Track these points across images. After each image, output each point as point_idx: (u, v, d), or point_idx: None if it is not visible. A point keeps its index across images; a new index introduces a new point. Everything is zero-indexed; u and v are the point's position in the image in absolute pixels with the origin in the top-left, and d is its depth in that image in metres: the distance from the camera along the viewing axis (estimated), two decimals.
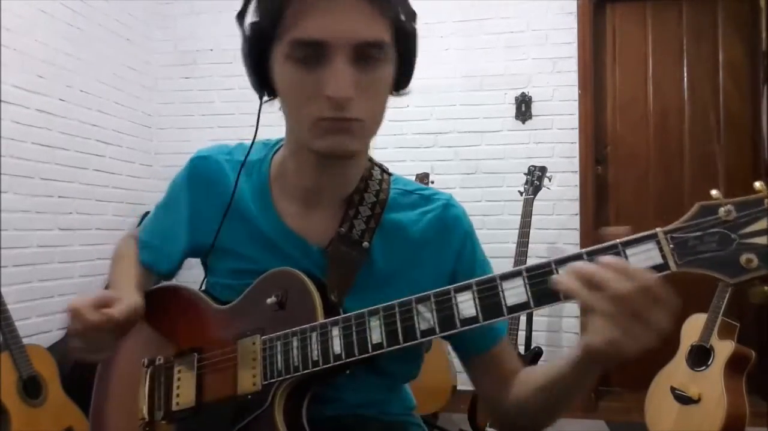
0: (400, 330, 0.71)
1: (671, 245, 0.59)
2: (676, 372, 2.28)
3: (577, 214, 3.11)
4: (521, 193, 2.68)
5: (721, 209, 0.58)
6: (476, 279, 0.67)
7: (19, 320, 2.24)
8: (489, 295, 0.66)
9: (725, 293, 2.21)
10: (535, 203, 2.66)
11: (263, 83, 0.80)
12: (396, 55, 0.79)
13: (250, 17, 0.78)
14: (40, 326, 2.65)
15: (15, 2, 2.53)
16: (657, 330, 0.58)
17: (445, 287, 0.69)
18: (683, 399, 2.21)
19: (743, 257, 0.57)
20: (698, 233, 0.59)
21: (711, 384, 2.15)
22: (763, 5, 3.00)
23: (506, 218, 3.10)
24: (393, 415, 0.91)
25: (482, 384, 0.89)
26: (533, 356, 2.54)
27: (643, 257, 0.60)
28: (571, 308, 3.09)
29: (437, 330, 0.69)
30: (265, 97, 0.82)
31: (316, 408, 0.83)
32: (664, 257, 0.60)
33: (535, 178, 2.66)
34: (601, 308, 0.58)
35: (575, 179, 3.13)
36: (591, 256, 0.61)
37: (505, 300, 0.65)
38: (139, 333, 0.91)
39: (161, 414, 0.88)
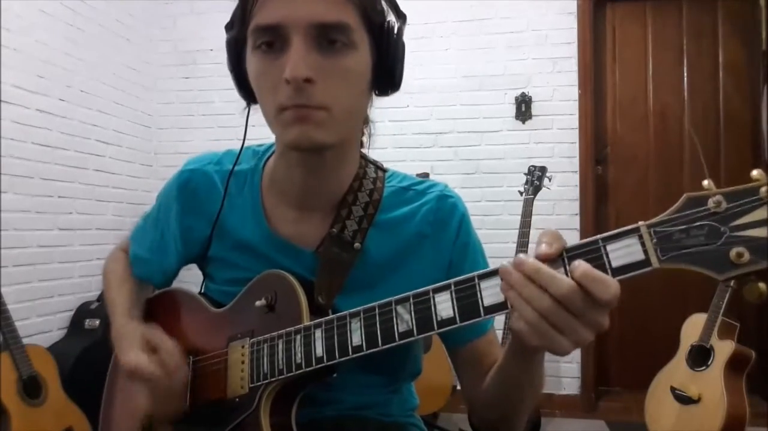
0: (379, 331, 0.69)
1: (654, 240, 0.55)
2: (676, 372, 2.28)
3: (577, 214, 3.11)
4: (521, 193, 2.68)
5: (711, 200, 0.54)
6: (455, 279, 0.65)
7: (19, 320, 2.24)
8: (466, 295, 0.63)
9: (725, 293, 2.21)
10: (535, 203, 2.66)
11: (243, 85, 0.79)
12: (373, 49, 0.76)
13: (228, 24, 0.79)
14: (40, 326, 2.65)
15: (15, 2, 2.53)
16: (574, 339, 0.56)
17: (424, 288, 0.67)
18: (683, 399, 2.21)
19: (733, 252, 0.52)
20: (684, 226, 0.54)
21: (711, 384, 2.15)
22: (763, 5, 3.00)
23: (506, 218, 3.10)
24: (393, 416, 0.90)
25: (462, 377, 0.89)
26: None
27: (624, 252, 0.56)
28: None
29: (415, 332, 0.66)
30: (252, 104, 0.82)
31: (315, 410, 0.83)
32: (646, 252, 0.55)
33: (535, 178, 2.66)
34: (523, 315, 0.57)
35: (575, 179, 3.13)
36: (570, 252, 0.58)
37: (482, 300, 0.62)
38: None
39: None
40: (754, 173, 0.54)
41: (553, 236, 0.59)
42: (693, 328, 2.29)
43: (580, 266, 0.55)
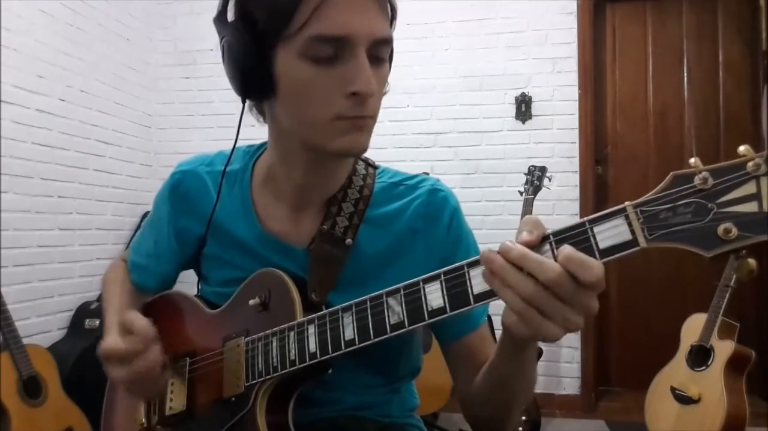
0: (371, 324, 0.69)
1: (641, 220, 0.54)
2: (676, 372, 2.28)
3: (577, 214, 3.11)
4: (521, 193, 2.68)
5: (697, 177, 0.53)
6: (444, 269, 0.64)
7: (19, 320, 2.24)
8: (456, 284, 0.63)
9: (725, 293, 2.20)
10: (535, 203, 2.66)
11: (255, 84, 0.75)
12: None
13: (237, 14, 0.74)
14: (40, 326, 2.65)
15: (15, 2, 2.53)
16: (564, 325, 0.56)
17: (415, 279, 0.66)
18: (683, 399, 2.21)
19: (721, 228, 0.51)
20: (671, 205, 0.54)
21: (711, 384, 2.15)
22: (763, 5, 3.01)
23: (506, 218, 3.10)
24: (392, 417, 0.90)
25: (456, 374, 0.88)
26: None
27: (611, 233, 0.55)
28: None
29: (406, 323, 0.66)
30: (249, 102, 0.80)
31: (313, 411, 0.83)
32: (633, 232, 0.54)
33: (535, 178, 2.66)
34: (509, 302, 0.57)
35: (575, 179, 3.13)
36: (557, 236, 0.58)
37: (471, 288, 0.61)
38: None
39: (156, 418, 0.89)
40: (741, 148, 0.52)
41: (534, 223, 0.58)
42: (693, 328, 2.29)
43: (564, 249, 0.55)
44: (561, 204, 3.12)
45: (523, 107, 3.17)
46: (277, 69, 0.73)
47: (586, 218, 0.57)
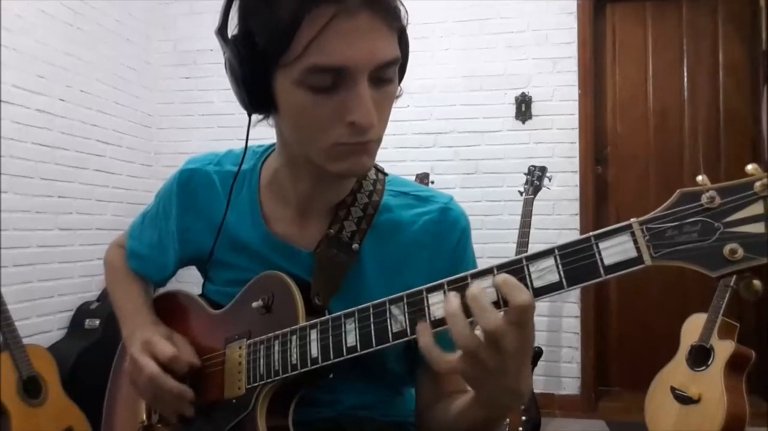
0: (373, 332, 0.68)
1: (646, 237, 0.54)
2: (676, 372, 2.28)
3: (577, 214, 3.11)
4: (521, 193, 2.68)
5: (704, 196, 0.52)
6: (448, 279, 0.63)
7: (19, 320, 2.24)
8: (459, 295, 0.61)
9: (725, 293, 2.21)
10: (535, 203, 2.66)
11: (257, 101, 0.73)
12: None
13: (238, 32, 0.71)
14: (40, 326, 2.65)
15: (15, 2, 2.53)
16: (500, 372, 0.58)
17: (418, 288, 0.65)
18: (683, 399, 2.21)
19: (727, 248, 0.51)
20: (677, 223, 0.53)
21: (711, 384, 2.15)
22: (763, 5, 3.01)
23: (506, 218, 3.10)
24: (392, 416, 0.90)
25: (421, 391, 0.87)
26: (533, 356, 2.54)
27: (617, 250, 0.55)
28: (571, 308, 3.09)
29: (408, 332, 0.65)
30: (256, 116, 0.77)
31: (314, 410, 0.83)
32: (638, 250, 0.54)
33: (535, 178, 2.66)
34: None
35: (575, 179, 3.13)
36: (563, 250, 0.57)
37: None
38: None
39: (157, 417, 0.89)
40: (749, 167, 0.52)
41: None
42: (693, 328, 2.29)
43: (501, 275, 0.58)
44: (561, 204, 3.12)
45: (523, 107, 3.17)
46: (277, 92, 0.71)
47: (591, 234, 0.56)
